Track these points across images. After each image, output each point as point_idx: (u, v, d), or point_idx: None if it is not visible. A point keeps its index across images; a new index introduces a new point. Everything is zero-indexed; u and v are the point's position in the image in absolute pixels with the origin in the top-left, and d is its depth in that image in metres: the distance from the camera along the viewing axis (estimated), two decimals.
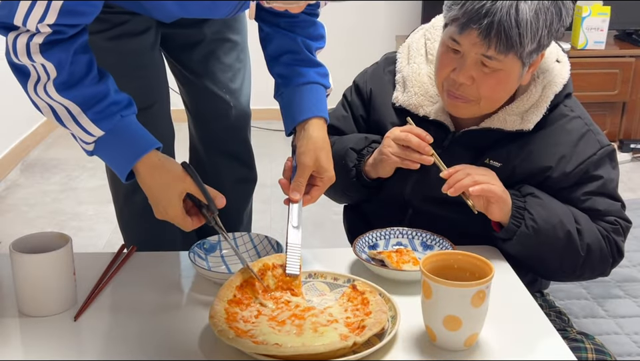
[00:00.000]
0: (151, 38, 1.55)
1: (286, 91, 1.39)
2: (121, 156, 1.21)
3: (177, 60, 1.69)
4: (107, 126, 1.19)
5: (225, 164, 1.77)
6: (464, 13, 1.26)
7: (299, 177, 1.28)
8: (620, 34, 4.09)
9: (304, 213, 1.27)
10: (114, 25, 1.48)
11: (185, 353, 1.08)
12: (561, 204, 1.35)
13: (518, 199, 1.33)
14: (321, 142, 1.31)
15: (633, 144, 3.88)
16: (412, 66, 1.49)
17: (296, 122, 1.34)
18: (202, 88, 1.69)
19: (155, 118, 1.62)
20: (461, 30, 1.28)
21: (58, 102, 1.18)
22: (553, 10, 1.27)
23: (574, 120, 1.40)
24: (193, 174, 1.20)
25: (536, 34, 1.26)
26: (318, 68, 1.41)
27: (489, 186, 1.29)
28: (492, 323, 1.10)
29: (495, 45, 1.25)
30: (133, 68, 1.55)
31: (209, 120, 1.75)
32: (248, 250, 1.36)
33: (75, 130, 1.20)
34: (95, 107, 1.19)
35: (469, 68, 1.31)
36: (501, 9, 1.23)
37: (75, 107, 1.18)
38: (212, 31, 1.63)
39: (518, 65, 1.31)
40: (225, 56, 1.68)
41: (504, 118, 1.38)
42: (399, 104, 1.48)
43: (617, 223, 1.37)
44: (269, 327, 1.09)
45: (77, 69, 1.18)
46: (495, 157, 1.39)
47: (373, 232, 1.39)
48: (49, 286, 1.16)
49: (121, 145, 1.21)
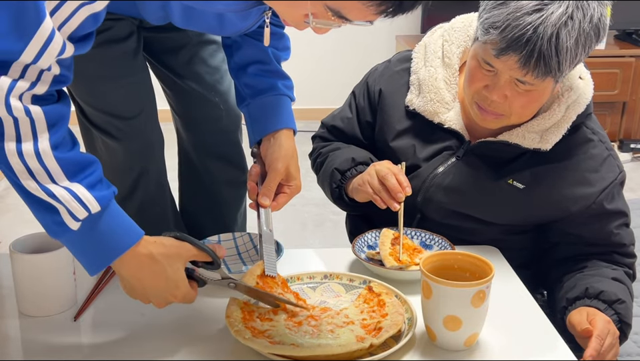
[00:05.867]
0: (133, 44, 1.53)
1: (254, 102, 1.37)
2: (112, 241, 1.03)
3: (162, 65, 1.67)
4: (104, 202, 1.00)
5: (217, 166, 1.77)
6: (503, 39, 1.22)
7: (270, 182, 1.26)
8: (620, 34, 4.10)
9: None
10: (98, 32, 1.46)
11: (185, 353, 1.08)
12: (618, 284, 1.32)
13: (615, 325, 1.26)
14: (291, 151, 1.31)
15: (633, 144, 3.88)
16: (428, 70, 1.45)
17: (266, 133, 1.33)
18: (190, 91, 1.68)
19: (144, 125, 1.61)
20: (498, 55, 1.24)
21: (45, 167, 0.96)
22: (592, 34, 1.23)
23: (598, 146, 1.38)
24: (187, 238, 1.10)
25: (574, 60, 1.24)
26: (285, 81, 1.39)
27: (615, 351, 1.23)
28: (492, 323, 1.10)
29: (533, 72, 1.22)
30: (119, 75, 1.54)
31: (200, 123, 1.73)
32: (248, 250, 1.36)
33: (66, 200, 0.97)
34: (89, 178, 1.00)
35: (503, 87, 1.28)
36: (542, 37, 1.19)
37: (63, 175, 0.98)
38: (196, 33, 1.61)
39: (551, 84, 1.29)
40: (210, 58, 1.66)
41: (523, 135, 1.35)
42: (413, 108, 1.45)
43: (634, 255, 1.40)
44: (286, 328, 1.09)
45: (68, 134, 1.01)
46: (519, 178, 1.36)
47: (372, 231, 1.39)
48: (48, 286, 1.16)
49: (113, 228, 1.03)
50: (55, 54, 0.92)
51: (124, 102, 1.57)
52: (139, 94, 1.60)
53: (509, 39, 1.21)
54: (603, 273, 1.34)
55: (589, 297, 1.29)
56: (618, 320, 1.27)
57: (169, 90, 1.72)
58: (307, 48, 4.28)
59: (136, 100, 1.59)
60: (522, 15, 1.20)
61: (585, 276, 1.34)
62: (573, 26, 1.20)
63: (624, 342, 1.31)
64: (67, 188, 0.98)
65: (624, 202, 1.40)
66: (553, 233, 1.40)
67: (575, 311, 1.27)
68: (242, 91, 1.40)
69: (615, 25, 3.91)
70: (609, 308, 1.27)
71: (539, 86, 1.27)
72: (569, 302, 1.31)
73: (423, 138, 1.43)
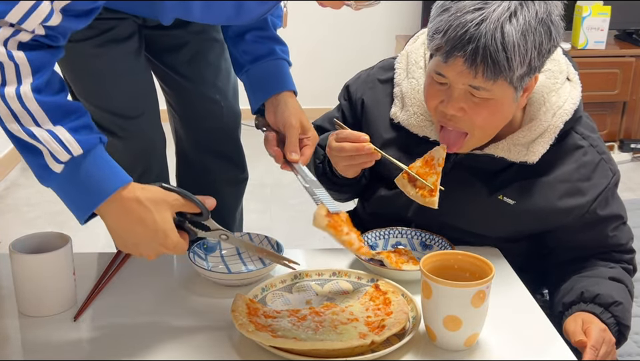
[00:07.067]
0: (136, 44, 1.54)
1: (253, 68, 1.39)
2: (97, 185, 1.04)
3: (163, 63, 1.67)
4: (87, 146, 1.03)
5: (216, 165, 1.77)
6: (447, 41, 1.19)
7: (291, 138, 1.29)
8: (620, 34, 4.10)
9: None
10: (101, 32, 1.47)
11: (185, 353, 1.08)
12: (617, 285, 1.32)
13: (613, 328, 1.27)
14: (298, 107, 1.34)
15: (633, 144, 3.88)
16: (410, 82, 1.41)
17: (269, 95, 1.35)
18: (190, 89, 1.68)
19: (147, 124, 1.62)
20: (445, 59, 1.20)
21: (27, 109, 1.00)
22: (541, 30, 1.18)
23: (589, 152, 1.34)
24: (173, 189, 1.10)
25: (525, 57, 1.18)
26: (282, 46, 1.41)
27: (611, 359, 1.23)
28: (492, 323, 1.10)
29: (483, 72, 1.18)
30: (122, 74, 1.54)
31: (199, 122, 1.74)
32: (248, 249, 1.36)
33: (47, 141, 1.01)
34: (73, 122, 1.04)
35: (457, 99, 1.24)
36: (485, 34, 1.15)
37: (47, 118, 1.01)
38: (197, 32, 1.62)
39: (510, 91, 1.23)
40: (211, 56, 1.66)
41: (508, 148, 1.32)
42: (398, 122, 1.42)
43: (633, 251, 1.39)
44: (289, 323, 1.10)
45: (53, 80, 1.05)
46: (509, 194, 1.33)
47: (372, 231, 1.39)
48: (48, 286, 1.15)
49: (98, 171, 1.05)
50: (40, 20, 0.98)
51: (127, 102, 1.58)
52: (142, 93, 1.61)
53: (452, 40, 1.18)
54: (600, 273, 1.34)
55: (584, 301, 1.28)
56: (615, 323, 1.27)
57: (169, 88, 1.72)
58: (307, 48, 4.29)
59: (139, 100, 1.60)
60: (463, 15, 1.17)
61: (581, 278, 1.33)
62: (518, 20, 1.17)
63: (623, 343, 1.31)
64: (49, 131, 1.01)
65: (618, 204, 1.38)
66: (548, 241, 1.39)
67: (571, 318, 1.26)
68: (240, 58, 1.41)
69: (615, 25, 3.93)
70: (605, 312, 1.27)
71: (495, 92, 1.22)
72: (565, 307, 1.30)
73: (409, 151, 1.39)
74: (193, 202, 1.10)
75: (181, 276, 1.31)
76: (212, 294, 1.23)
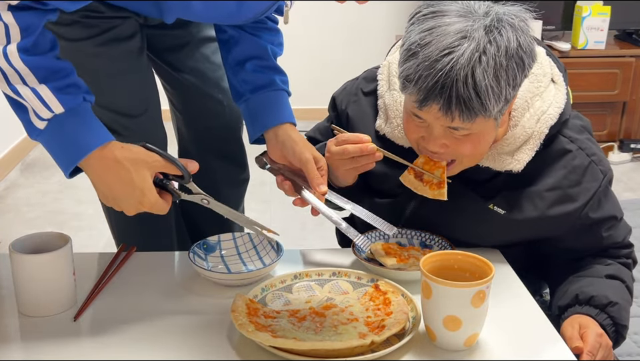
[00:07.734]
0: (138, 43, 1.54)
1: (253, 97, 1.39)
2: (78, 142, 1.11)
3: (165, 62, 1.67)
4: (69, 105, 1.09)
5: (219, 164, 1.77)
6: (419, 90, 1.15)
7: (311, 172, 1.28)
8: (620, 34, 4.09)
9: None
10: (103, 31, 1.47)
11: (185, 353, 1.08)
12: (613, 283, 1.31)
13: (610, 329, 1.26)
14: (303, 138, 1.35)
15: (633, 144, 3.88)
16: (392, 94, 1.38)
17: (269, 127, 1.35)
18: (193, 89, 1.68)
19: (149, 122, 1.62)
20: (420, 107, 1.18)
21: (14, 68, 1.07)
22: (513, 65, 1.15)
23: (577, 156, 1.31)
24: (155, 150, 1.13)
25: (500, 95, 1.15)
26: (282, 76, 1.41)
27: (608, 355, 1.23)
28: (492, 323, 1.10)
29: (459, 116, 1.15)
30: (124, 73, 1.54)
31: (202, 121, 1.73)
32: (248, 250, 1.36)
33: (30, 99, 1.08)
34: (58, 82, 1.09)
35: (439, 137, 1.22)
36: (456, 82, 1.12)
37: (33, 77, 1.07)
38: (199, 31, 1.62)
39: (489, 123, 1.21)
40: (213, 55, 1.66)
41: (493, 157, 1.30)
42: (383, 134, 1.40)
43: (631, 245, 1.39)
44: (289, 323, 1.10)
45: (42, 41, 1.09)
46: (499, 203, 1.31)
47: (372, 232, 1.39)
48: (48, 286, 1.15)
49: (79, 129, 1.11)
50: None
51: (129, 100, 1.58)
52: (144, 92, 1.61)
53: (424, 90, 1.15)
54: (596, 272, 1.33)
55: (579, 303, 1.28)
56: (612, 323, 1.27)
57: (171, 87, 1.73)
58: (306, 48, 4.29)
59: (141, 98, 1.60)
60: (432, 63, 1.13)
61: (576, 279, 1.33)
62: (488, 62, 1.13)
63: (622, 342, 1.30)
64: (33, 89, 1.08)
65: (612, 204, 1.35)
66: (542, 246, 1.39)
67: (567, 323, 1.25)
68: (239, 87, 1.41)
69: (615, 25, 3.93)
70: (601, 313, 1.26)
71: (475, 128, 1.20)
72: (561, 310, 1.30)
73: (397, 162, 1.35)
74: (174, 164, 1.13)
75: (181, 276, 1.31)
76: (212, 294, 1.23)
